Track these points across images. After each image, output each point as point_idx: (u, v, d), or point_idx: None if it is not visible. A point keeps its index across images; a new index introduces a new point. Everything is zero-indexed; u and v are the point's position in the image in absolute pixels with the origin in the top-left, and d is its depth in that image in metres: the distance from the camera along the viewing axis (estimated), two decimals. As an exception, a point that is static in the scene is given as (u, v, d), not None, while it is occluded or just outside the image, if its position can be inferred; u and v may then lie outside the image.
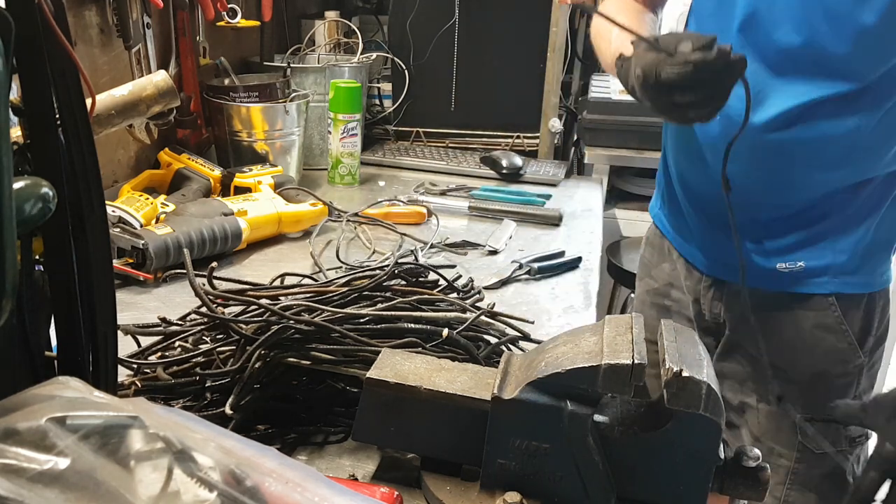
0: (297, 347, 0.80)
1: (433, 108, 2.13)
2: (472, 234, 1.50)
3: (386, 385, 0.71)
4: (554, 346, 0.71)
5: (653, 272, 1.32)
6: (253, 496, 0.38)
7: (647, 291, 1.34)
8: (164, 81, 0.94)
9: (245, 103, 1.69)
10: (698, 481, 0.66)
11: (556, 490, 0.68)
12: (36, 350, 0.55)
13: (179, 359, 0.82)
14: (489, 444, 0.69)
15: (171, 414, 0.43)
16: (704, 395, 0.63)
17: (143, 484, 0.38)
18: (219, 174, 1.54)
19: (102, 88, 0.94)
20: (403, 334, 0.84)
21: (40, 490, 0.35)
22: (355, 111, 1.76)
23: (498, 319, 0.94)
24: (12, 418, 0.38)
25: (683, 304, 1.26)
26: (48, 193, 0.47)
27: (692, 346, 0.68)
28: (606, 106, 2.12)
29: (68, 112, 0.54)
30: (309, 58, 2.12)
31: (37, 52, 0.51)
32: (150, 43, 1.58)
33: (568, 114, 2.36)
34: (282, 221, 1.40)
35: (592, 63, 2.72)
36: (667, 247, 1.28)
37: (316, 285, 0.94)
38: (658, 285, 1.31)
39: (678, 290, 1.27)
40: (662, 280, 1.30)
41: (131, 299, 1.13)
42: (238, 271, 1.27)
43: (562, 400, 0.66)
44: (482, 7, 2.02)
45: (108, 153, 1.56)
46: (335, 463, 0.79)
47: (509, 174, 1.90)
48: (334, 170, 1.79)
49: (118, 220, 1.25)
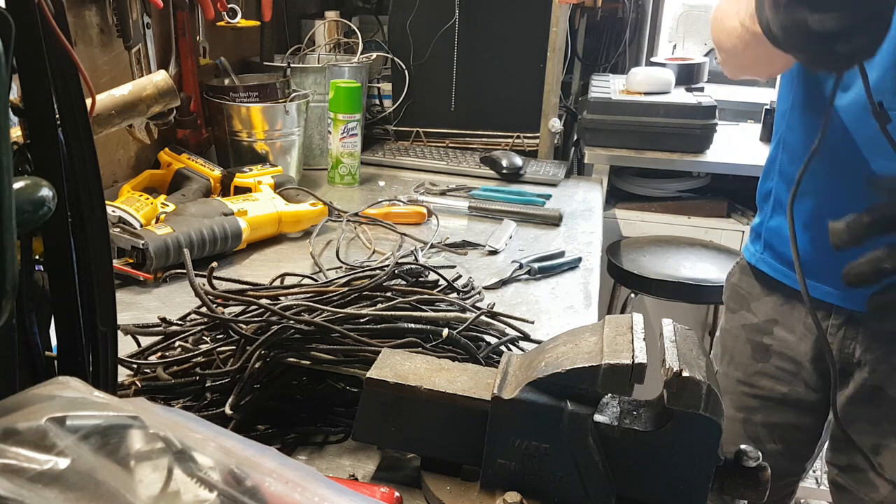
0: (297, 347, 0.80)
1: (433, 108, 2.13)
2: (472, 234, 1.50)
3: (386, 385, 0.71)
4: (554, 346, 0.71)
5: (752, 305, 1.20)
6: (253, 496, 0.38)
7: (742, 326, 1.22)
8: (164, 81, 0.94)
9: (245, 103, 1.69)
10: (698, 481, 0.66)
11: (556, 490, 0.68)
12: (36, 350, 0.55)
13: (179, 359, 0.82)
14: (489, 444, 0.69)
15: (171, 414, 0.43)
16: (704, 395, 0.63)
17: (143, 484, 0.38)
18: (219, 174, 1.54)
19: (102, 88, 0.94)
20: (403, 334, 0.84)
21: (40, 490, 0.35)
22: (355, 111, 1.76)
23: (498, 319, 0.94)
24: (12, 418, 0.38)
25: (790, 344, 1.15)
26: (48, 193, 0.47)
27: (692, 346, 0.68)
28: (606, 106, 2.12)
29: (68, 112, 0.54)
30: (309, 58, 2.12)
31: (37, 52, 0.51)
32: (150, 43, 1.58)
33: (568, 114, 2.36)
34: (282, 221, 1.40)
35: (592, 63, 2.73)
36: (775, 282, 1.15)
37: (316, 285, 0.94)
38: (758, 320, 1.19)
39: (785, 328, 1.15)
40: (764, 315, 1.18)
41: (131, 299, 1.13)
42: (238, 271, 1.27)
43: (562, 400, 0.66)
44: (482, 7, 2.02)
45: (108, 153, 1.56)
46: (335, 463, 0.79)
47: (509, 174, 1.90)
48: (334, 170, 1.79)
49: (118, 220, 1.25)
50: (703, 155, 2.14)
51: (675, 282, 1.93)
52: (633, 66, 2.62)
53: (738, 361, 1.23)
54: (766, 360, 1.18)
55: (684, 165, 2.16)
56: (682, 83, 2.39)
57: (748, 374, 1.21)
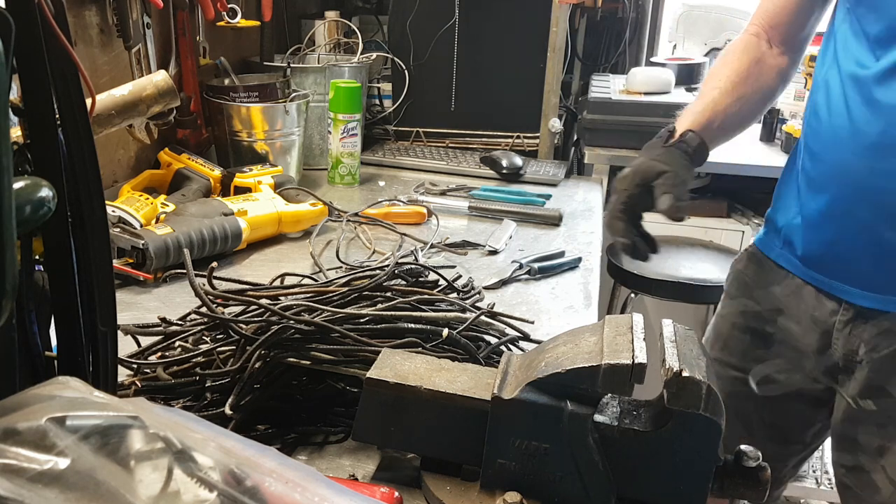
0: (297, 347, 0.80)
1: (433, 108, 2.12)
2: (472, 234, 1.49)
3: (386, 385, 0.71)
4: (554, 346, 0.71)
5: (755, 293, 1.19)
6: (253, 496, 0.38)
7: (741, 312, 1.21)
8: (164, 81, 0.94)
9: (245, 103, 1.69)
10: (698, 481, 0.66)
11: (556, 490, 0.68)
12: (36, 350, 0.55)
13: (179, 359, 0.82)
14: (489, 444, 0.69)
15: (171, 414, 0.43)
16: (704, 395, 0.63)
17: (143, 484, 0.38)
18: (219, 174, 1.54)
19: (102, 88, 0.94)
20: (403, 334, 0.84)
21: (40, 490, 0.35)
22: (355, 111, 1.76)
23: (498, 319, 0.94)
24: (12, 418, 0.38)
25: (794, 335, 1.14)
26: (48, 193, 0.47)
27: (692, 346, 0.68)
28: (606, 106, 2.12)
29: (68, 112, 0.54)
30: (309, 58, 2.12)
31: (37, 52, 0.51)
32: (150, 43, 1.58)
33: (568, 114, 2.36)
34: (282, 221, 1.40)
35: (592, 63, 2.73)
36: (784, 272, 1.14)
37: (316, 285, 0.94)
38: (760, 308, 1.18)
39: (791, 319, 1.14)
40: (769, 304, 1.16)
41: (131, 299, 1.13)
42: (238, 271, 1.27)
43: (562, 400, 0.66)
44: (482, 7, 2.02)
45: (108, 153, 1.56)
46: (335, 463, 0.79)
47: (509, 174, 1.90)
48: (334, 170, 1.79)
49: (118, 220, 1.25)
50: (703, 155, 2.14)
51: (675, 282, 1.93)
52: (633, 66, 2.61)
53: (734, 347, 1.22)
54: (768, 347, 1.18)
55: (684, 165, 2.15)
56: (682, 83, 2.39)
57: (745, 361, 1.21)
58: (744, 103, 1.12)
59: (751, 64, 1.13)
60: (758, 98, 1.14)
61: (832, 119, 1.03)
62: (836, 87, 1.03)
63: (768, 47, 1.15)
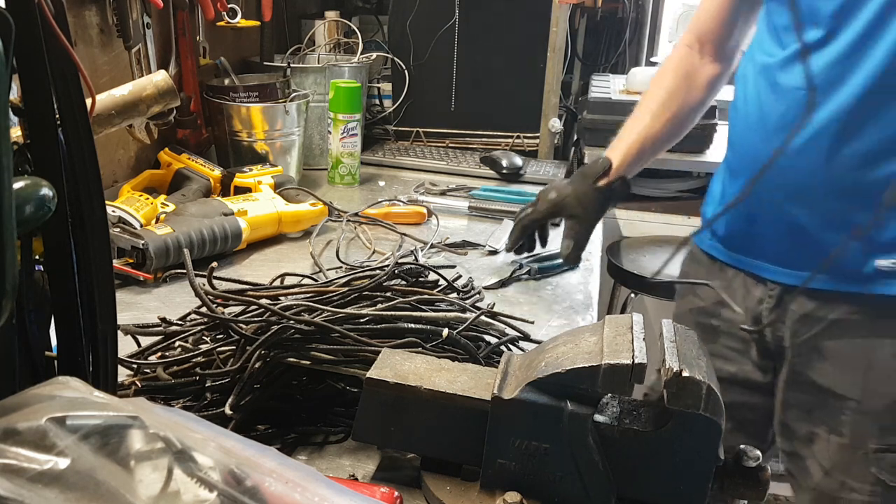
0: (297, 347, 0.80)
1: (433, 108, 2.13)
2: (472, 234, 1.50)
3: (386, 385, 0.71)
4: (554, 346, 0.71)
5: (698, 289, 1.24)
6: (253, 496, 0.38)
7: (690, 310, 1.25)
8: (164, 81, 0.94)
9: (245, 103, 1.69)
10: (698, 481, 0.66)
11: (556, 490, 0.68)
12: (36, 350, 0.55)
13: (179, 359, 0.82)
14: (489, 444, 0.69)
15: (171, 414, 0.43)
16: (704, 395, 0.63)
17: (143, 484, 0.38)
18: (219, 174, 1.54)
19: (102, 88, 0.94)
20: (403, 334, 0.84)
21: (40, 490, 0.35)
22: (355, 111, 1.76)
23: (498, 319, 0.94)
24: (12, 418, 0.38)
25: (735, 323, 1.18)
26: (48, 193, 0.47)
27: (692, 346, 0.68)
28: (606, 106, 2.12)
29: (68, 112, 0.54)
30: (309, 58, 2.12)
31: (37, 52, 0.51)
32: (150, 43, 1.58)
33: (568, 114, 2.36)
34: (282, 221, 1.40)
35: (592, 63, 2.73)
36: (719, 264, 1.19)
37: (316, 285, 0.94)
38: (705, 304, 1.22)
39: (731, 309, 1.17)
40: (711, 298, 1.21)
41: (131, 299, 1.13)
42: (238, 271, 1.27)
43: (562, 400, 0.66)
44: (482, 7, 2.02)
45: (108, 153, 1.56)
46: (335, 463, 0.79)
47: (509, 174, 1.90)
48: (334, 170, 1.79)
49: (118, 220, 1.25)
50: (703, 155, 2.14)
51: (675, 282, 1.93)
52: (633, 66, 2.61)
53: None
54: (715, 340, 1.21)
55: (684, 165, 2.15)
56: (682, 83, 2.39)
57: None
58: (674, 123, 1.23)
59: (681, 80, 1.23)
60: (686, 113, 1.25)
61: (746, 108, 1.10)
62: (751, 79, 1.10)
63: (699, 58, 1.23)
